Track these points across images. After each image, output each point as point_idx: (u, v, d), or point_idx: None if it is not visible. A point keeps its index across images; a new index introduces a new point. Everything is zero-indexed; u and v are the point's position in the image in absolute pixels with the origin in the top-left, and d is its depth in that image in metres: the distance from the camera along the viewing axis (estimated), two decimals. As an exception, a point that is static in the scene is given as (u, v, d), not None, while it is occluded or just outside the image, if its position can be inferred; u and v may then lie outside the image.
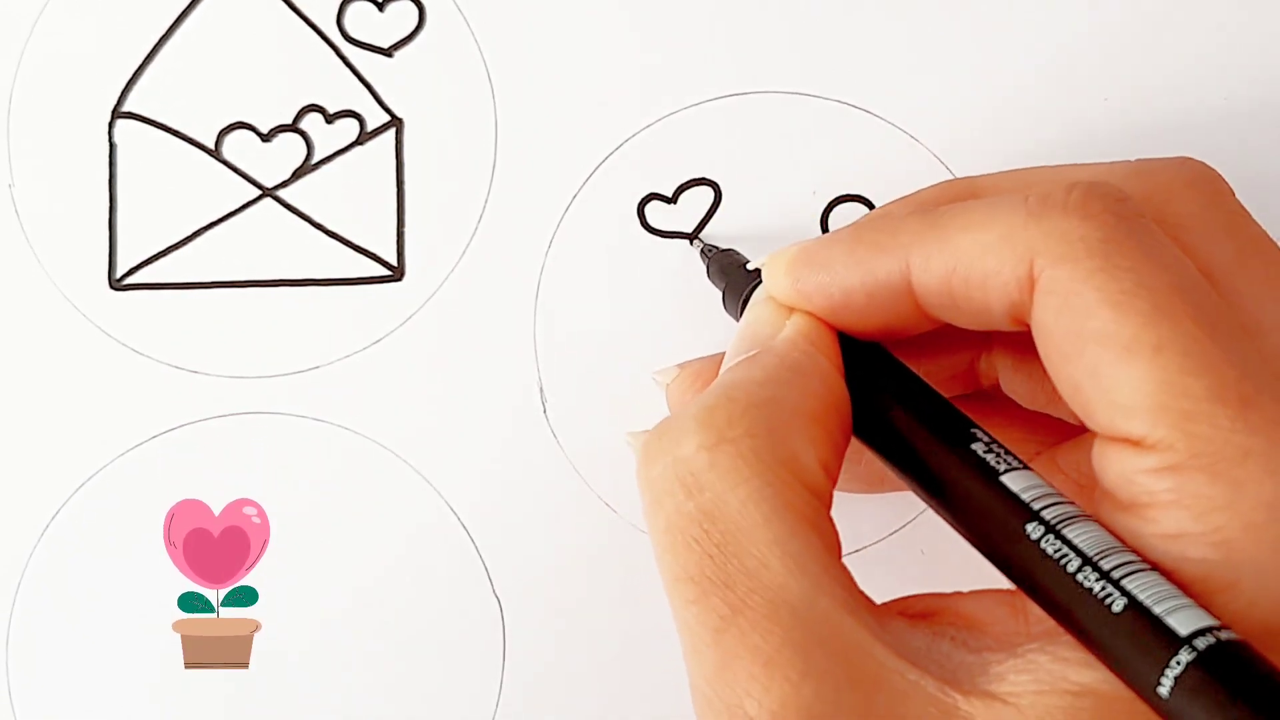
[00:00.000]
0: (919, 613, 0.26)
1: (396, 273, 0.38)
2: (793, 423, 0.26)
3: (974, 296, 0.26)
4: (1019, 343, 0.30)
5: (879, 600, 0.26)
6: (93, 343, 0.38)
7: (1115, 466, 0.24)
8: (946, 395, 0.30)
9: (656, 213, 0.37)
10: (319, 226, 0.38)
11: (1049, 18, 0.37)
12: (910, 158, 0.37)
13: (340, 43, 0.38)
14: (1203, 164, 0.29)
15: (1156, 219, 0.26)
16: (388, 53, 0.38)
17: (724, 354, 0.30)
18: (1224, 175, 0.29)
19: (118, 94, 0.38)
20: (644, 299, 0.37)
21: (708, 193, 0.37)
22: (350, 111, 0.38)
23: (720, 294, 0.34)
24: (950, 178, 0.37)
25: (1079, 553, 0.24)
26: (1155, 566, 0.24)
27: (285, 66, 0.38)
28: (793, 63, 0.38)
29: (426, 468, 0.37)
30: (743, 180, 0.37)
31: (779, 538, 0.24)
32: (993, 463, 0.25)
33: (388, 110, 0.38)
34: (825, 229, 0.37)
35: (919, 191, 0.32)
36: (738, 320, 0.32)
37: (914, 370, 0.28)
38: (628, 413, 0.37)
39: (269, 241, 0.38)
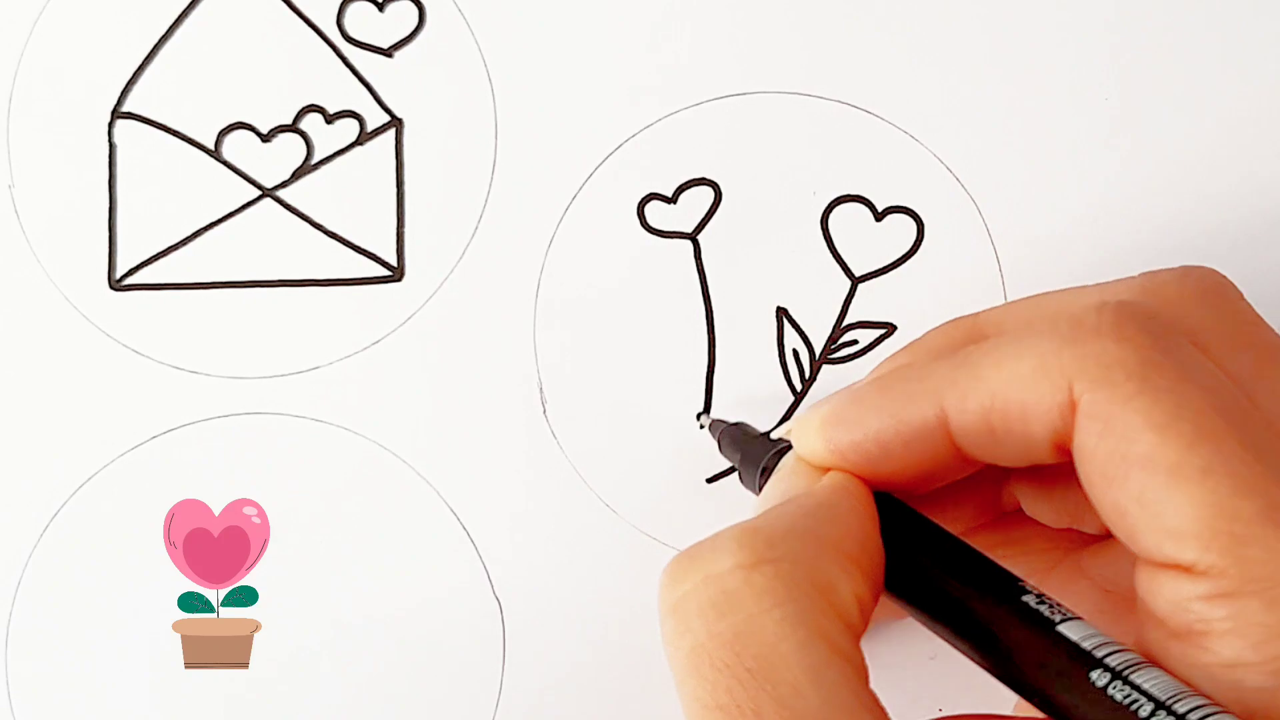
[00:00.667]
0: None
1: (396, 273, 0.38)
2: (830, 555, 0.25)
3: (1014, 430, 0.26)
4: (1037, 472, 0.30)
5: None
6: (93, 343, 0.38)
7: (1166, 593, 0.24)
8: (969, 524, 0.30)
9: (656, 213, 0.37)
10: (319, 227, 0.38)
11: (1049, 18, 0.37)
12: (910, 158, 0.37)
13: (340, 43, 0.38)
14: (1209, 271, 0.29)
15: (1171, 327, 0.26)
16: (388, 53, 0.38)
17: None
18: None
19: (118, 94, 0.38)
20: (644, 299, 0.37)
21: (708, 192, 0.37)
22: (350, 112, 0.38)
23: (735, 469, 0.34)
24: (949, 177, 0.37)
25: (1150, 698, 0.23)
26: (1210, 698, 0.23)
27: (285, 66, 0.38)
28: (793, 63, 0.38)
29: (426, 468, 0.37)
30: (743, 180, 0.37)
31: (814, 665, 0.24)
32: (1047, 614, 0.25)
33: (387, 110, 0.38)
34: (825, 229, 0.37)
35: (922, 339, 0.31)
36: (755, 491, 0.32)
37: (943, 509, 0.28)
38: (628, 413, 0.37)
39: (269, 241, 0.38)
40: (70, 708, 0.37)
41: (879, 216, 0.37)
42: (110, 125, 0.38)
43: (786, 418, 0.37)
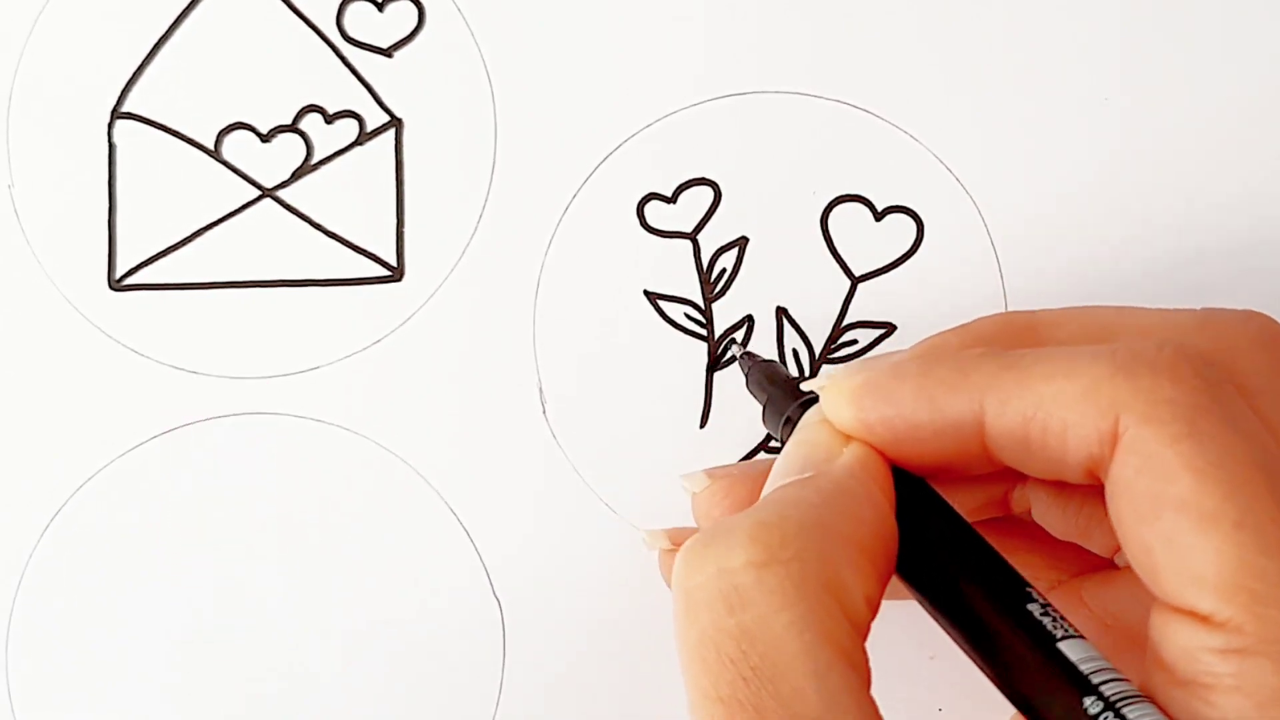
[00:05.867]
0: None
1: (396, 273, 0.38)
2: (843, 551, 0.25)
3: (1050, 445, 0.26)
4: (1058, 481, 0.30)
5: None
6: (92, 343, 0.38)
7: (1178, 639, 0.24)
8: (976, 518, 0.29)
9: (656, 212, 0.37)
10: (318, 227, 0.38)
11: (1049, 18, 0.37)
12: (910, 158, 0.37)
13: (340, 43, 0.38)
14: (1268, 319, 0.29)
15: (1225, 377, 0.26)
16: (387, 53, 0.38)
17: (750, 463, 0.29)
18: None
19: (117, 94, 0.38)
20: (643, 299, 0.37)
21: (707, 192, 0.37)
22: (350, 112, 0.38)
23: (761, 407, 0.33)
24: (949, 177, 0.37)
25: None
26: None
27: (285, 67, 0.38)
28: (793, 62, 0.38)
29: (426, 468, 0.37)
30: (742, 180, 0.37)
31: (818, 669, 0.24)
32: (1049, 627, 0.25)
33: (387, 110, 0.38)
34: (825, 229, 0.37)
35: (974, 324, 0.31)
36: (777, 435, 0.32)
37: (952, 494, 0.28)
38: (628, 413, 0.37)
39: (269, 242, 0.38)
40: (71, 713, 0.37)
41: (879, 216, 0.37)
42: (110, 125, 0.38)
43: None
